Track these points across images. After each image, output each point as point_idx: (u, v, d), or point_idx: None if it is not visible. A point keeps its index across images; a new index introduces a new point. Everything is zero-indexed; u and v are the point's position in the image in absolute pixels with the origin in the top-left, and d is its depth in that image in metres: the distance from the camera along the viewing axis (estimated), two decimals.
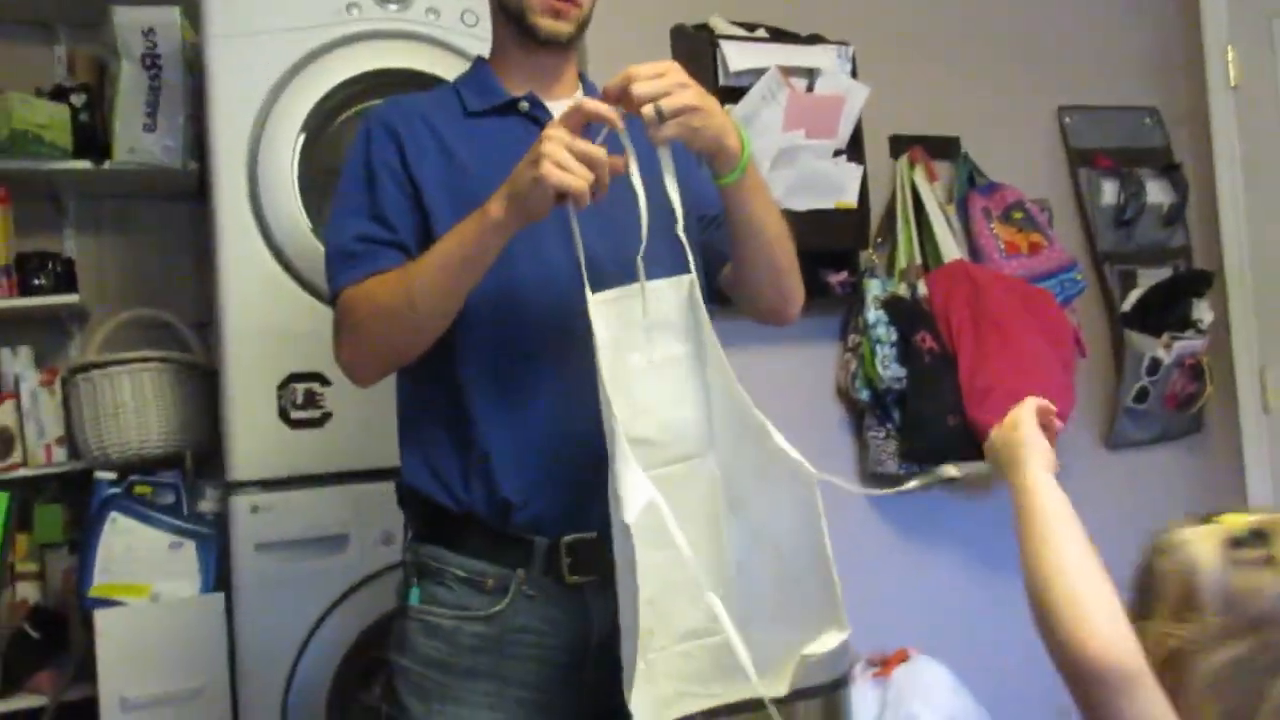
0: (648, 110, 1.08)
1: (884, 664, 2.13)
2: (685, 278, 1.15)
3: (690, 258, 1.14)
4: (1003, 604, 2.43)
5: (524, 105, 1.33)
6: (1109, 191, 2.66)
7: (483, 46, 2.01)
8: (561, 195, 1.07)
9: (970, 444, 2.17)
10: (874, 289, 2.22)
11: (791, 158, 2.11)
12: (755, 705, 1.04)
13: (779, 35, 2.25)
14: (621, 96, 1.10)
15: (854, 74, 2.22)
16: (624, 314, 1.13)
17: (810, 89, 2.15)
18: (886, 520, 2.34)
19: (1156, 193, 2.69)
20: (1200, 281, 2.64)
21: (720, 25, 2.20)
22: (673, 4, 2.23)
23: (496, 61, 1.39)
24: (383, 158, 1.28)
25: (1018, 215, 2.42)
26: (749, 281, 1.34)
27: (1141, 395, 2.57)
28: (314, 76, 1.96)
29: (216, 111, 1.92)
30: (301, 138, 1.94)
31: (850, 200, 2.19)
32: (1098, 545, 2.68)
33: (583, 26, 1.34)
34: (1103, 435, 2.62)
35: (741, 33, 2.20)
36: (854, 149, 2.22)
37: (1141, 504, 2.63)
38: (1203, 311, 2.61)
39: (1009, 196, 2.43)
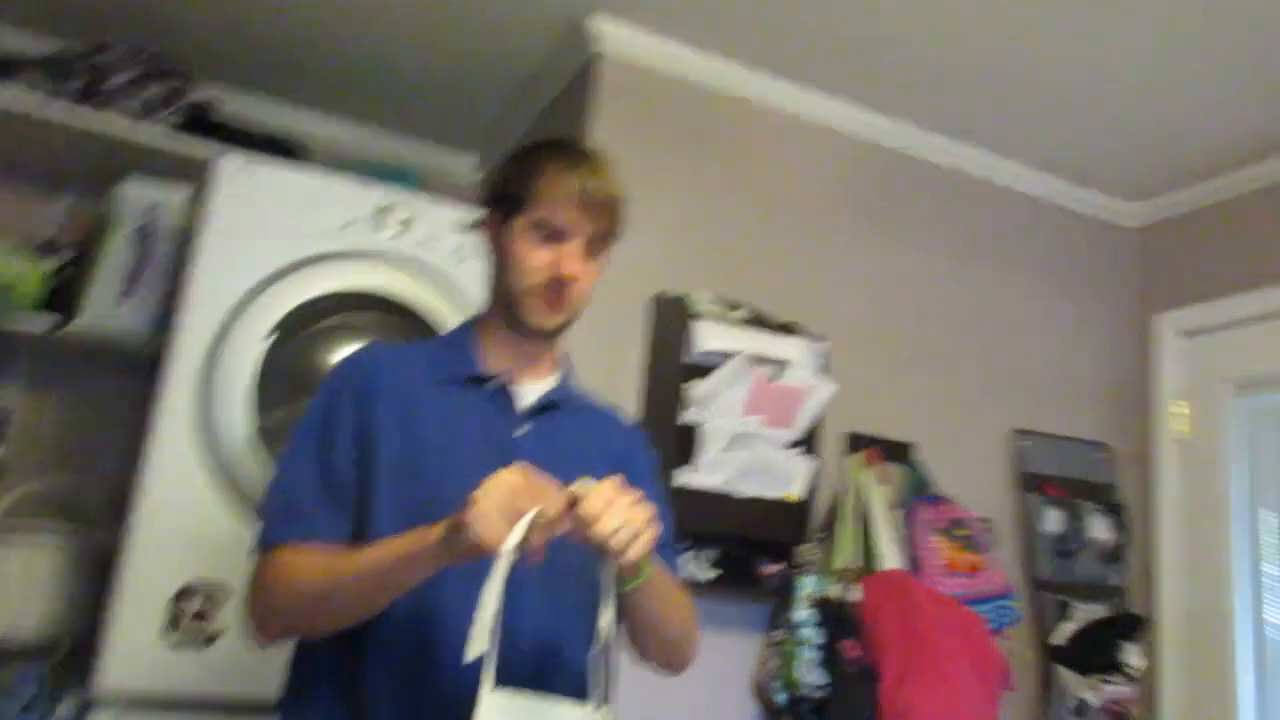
0: (618, 540, 1.09)
1: None
2: (595, 714, 1.14)
3: (603, 683, 1.15)
4: None
5: (494, 384, 1.36)
6: (1053, 520, 2.69)
7: (468, 282, 2.12)
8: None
9: None
10: (807, 586, 2.19)
11: (746, 442, 2.13)
12: None
13: (755, 319, 2.32)
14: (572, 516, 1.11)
15: (825, 370, 2.27)
16: None
17: (777, 379, 2.20)
18: None
19: (1100, 528, 2.72)
20: (1134, 624, 2.63)
21: (700, 301, 2.26)
22: (658, 273, 2.31)
23: (483, 331, 1.42)
24: (345, 415, 1.30)
25: (960, 532, 2.43)
26: (641, 640, 1.36)
27: None
28: (296, 283, 2.00)
29: (191, 297, 1.93)
30: (269, 340, 1.95)
31: (797, 493, 2.20)
32: None
33: (571, 319, 1.38)
34: None
35: (719, 310, 2.26)
36: (810, 442, 2.25)
37: None
38: (1134, 656, 2.59)
39: (954, 512, 2.44)
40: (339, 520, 1.26)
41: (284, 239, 1.99)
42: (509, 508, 1.06)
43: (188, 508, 1.84)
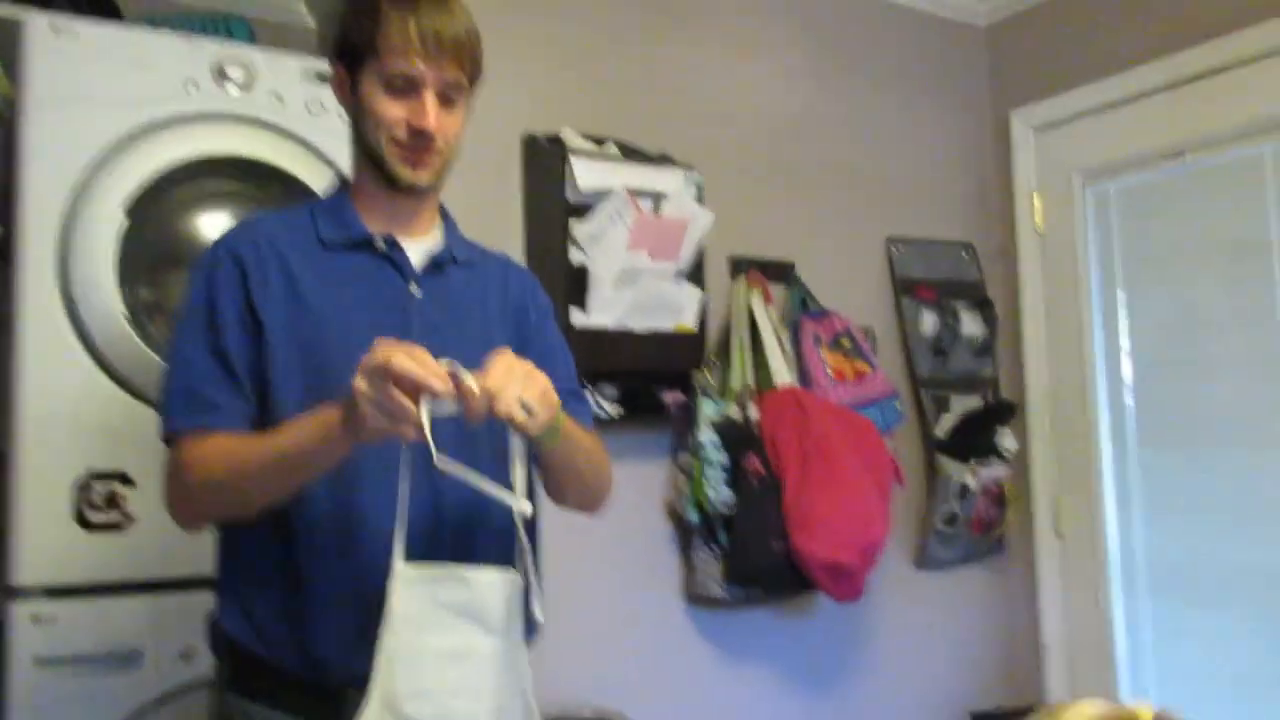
0: (519, 413, 1.09)
1: None
2: (515, 579, 1.17)
3: (527, 555, 1.18)
4: (815, 715, 2.48)
5: (381, 245, 1.31)
6: (928, 321, 2.81)
7: (327, 140, 2.00)
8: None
9: (792, 570, 2.21)
10: (708, 410, 2.25)
11: (634, 278, 2.13)
12: None
13: (629, 153, 2.28)
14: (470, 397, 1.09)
15: (700, 198, 2.26)
16: (436, 595, 1.14)
17: (656, 211, 2.18)
18: (707, 639, 2.35)
19: (970, 324, 2.86)
20: (1006, 411, 2.81)
21: (572, 139, 2.20)
22: (524, 113, 2.22)
23: (357, 192, 1.36)
24: (229, 293, 1.25)
25: (845, 343, 2.51)
26: (557, 491, 1.39)
27: (950, 519, 2.70)
28: (143, 154, 1.84)
29: (28, 178, 1.77)
30: (124, 219, 1.81)
31: (689, 323, 2.22)
32: (909, 658, 2.78)
33: (444, 172, 1.34)
34: (914, 556, 2.73)
35: (591, 148, 2.21)
36: (695, 271, 2.25)
37: (948, 619, 2.75)
38: (1007, 439, 2.78)
39: (838, 324, 2.52)
40: (238, 402, 1.23)
41: (119, 106, 1.82)
42: (392, 392, 1.03)
43: (70, 398, 1.74)
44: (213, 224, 1.95)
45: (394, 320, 1.27)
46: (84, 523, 1.74)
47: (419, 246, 1.35)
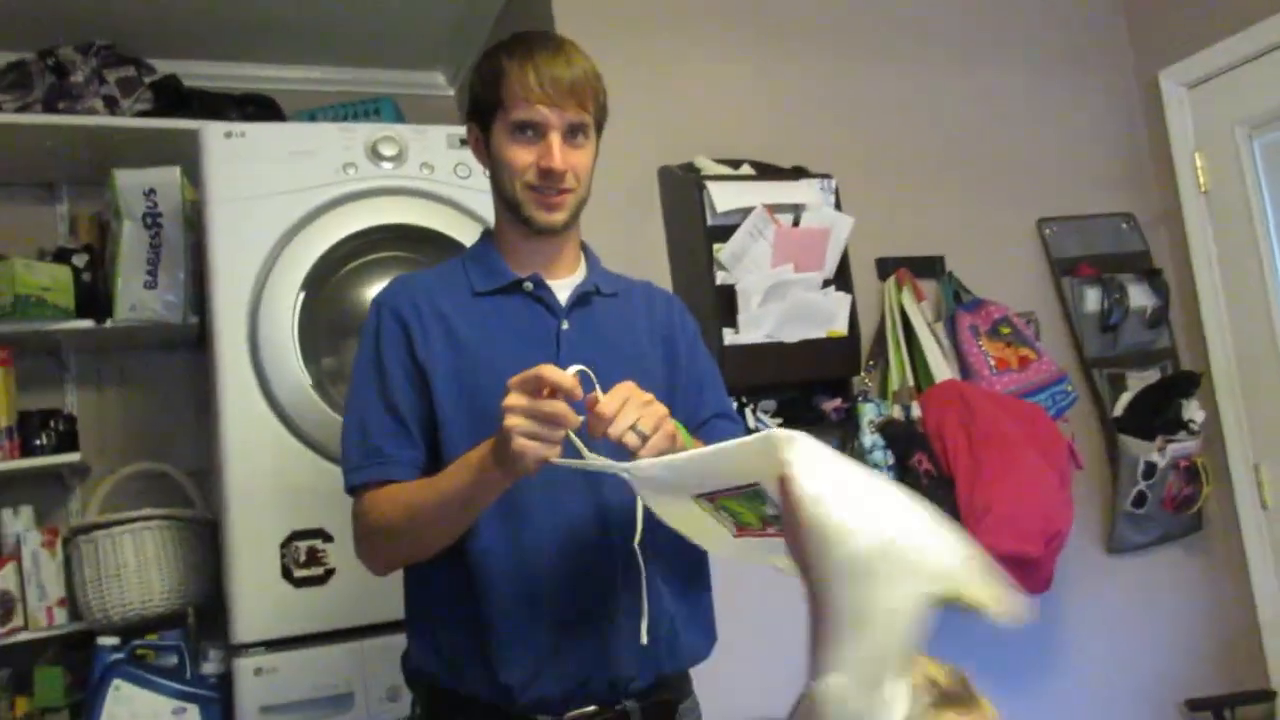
0: (631, 439, 1.11)
1: None
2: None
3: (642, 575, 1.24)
4: (1011, 715, 2.42)
5: (528, 286, 1.37)
6: (1092, 299, 2.71)
7: (475, 198, 2.13)
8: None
9: None
10: (868, 413, 2.25)
11: (782, 292, 2.16)
12: None
13: (763, 170, 2.31)
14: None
15: (838, 204, 2.28)
16: None
17: (796, 223, 2.21)
18: None
19: (1139, 296, 2.74)
20: (1188, 382, 2.67)
21: (705, 165, 2.26)
22: (658, 148, 2.29)
23: (500, 239, 1.43)
24: (394, 349, 1.33)
25: (1005, 330, 2.46)
26: None
27: (1139, 500, 2.59)
28: (314, 235, 2.02)
29: (217, 269, 1.97)
30: (301, 295, 1.98)
31: (841, 328, 2.24)
32: (1110, 647, 2.66)
33: (578, 210, 1.39)
34: (1104, 541, 2.63)
35: (726, 170, 2.26)
36: (842, 277, 2.27)
37: (1147, 606, 2.63)
38: (1193, 412, 2.64)
39: (995, 312, 2.47)
40: (411, 452, 1.30)
41: (288, 193, 2.01)
42: (532, 413, 1.07)
43: (267, 464, 1.92)
44: (384, 288, 2.10)
45: (545, 354, 1.31)
46: (291, 579, 1.90)
47: (565, 284, 1.40)
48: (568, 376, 1.08)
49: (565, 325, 1.35)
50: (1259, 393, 2.68)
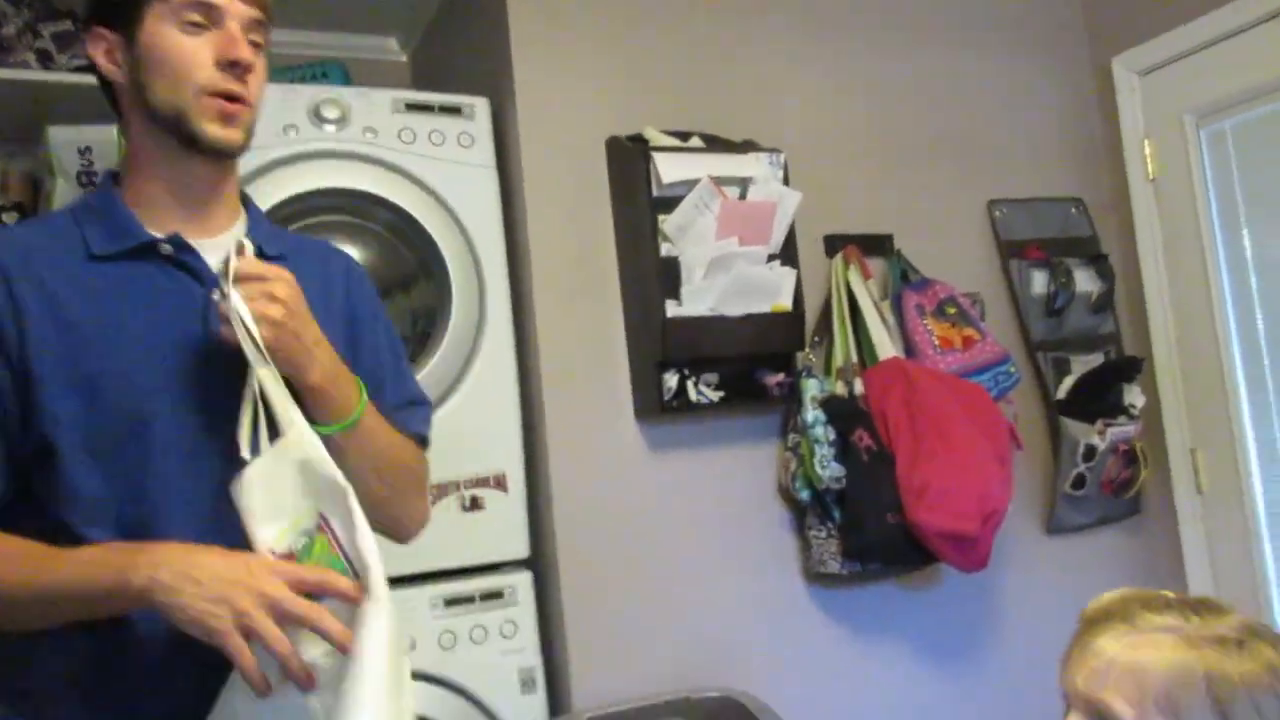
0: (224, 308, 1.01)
1: None
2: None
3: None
4: (953, 696, 2.45)
5: (166, 249, 1.11)
6: (1039, 281, 2.73)
7: (420, 164, 2.11)
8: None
9: (910, 542, 2.19)
10: (811, 389, 2.25)
11: (726, 265, 2.15)
12: None
13: (713, 143, 2.30)
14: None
15: (786, 179, 2.27)
16: None
17: (743, 197, 2.20)
18: (831, 615, 2.35)
19: (1085, 281, 2.76)
20: (1130, 367, 2.70)
21: (654, 136, 2.25)
22: (605, 117, 2.28)
23: (133, 182, 1.14)
24: None
25: (950, 310, 2.47)
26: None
27: (1079, 482, 2.62)
28: (257, 193, 1.96)
29: None
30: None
31: (785, 303, 2.23)
32: (1045, 625, 2.71)
33: (251, 136, 1.16)
34: (1043, 522, 2.66)
35: (675, 143, 2.25)
36: (788, 252, 2.26)
37: (1084, 584, 2.66)
38: (1134, 396, 2.68)
39: (941, 292, 2.48)
40: None
41: None
42: (282, 614, 0.94)
43: None
44: None
45: (190, 333, 1.09)
46: None
47: (217, 243, 1.14)
48: (352, 591, 0.97)
49: (217, 295, 1.09)
50: (1198, 380, 2.71)
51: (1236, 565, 2.63)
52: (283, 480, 1.01)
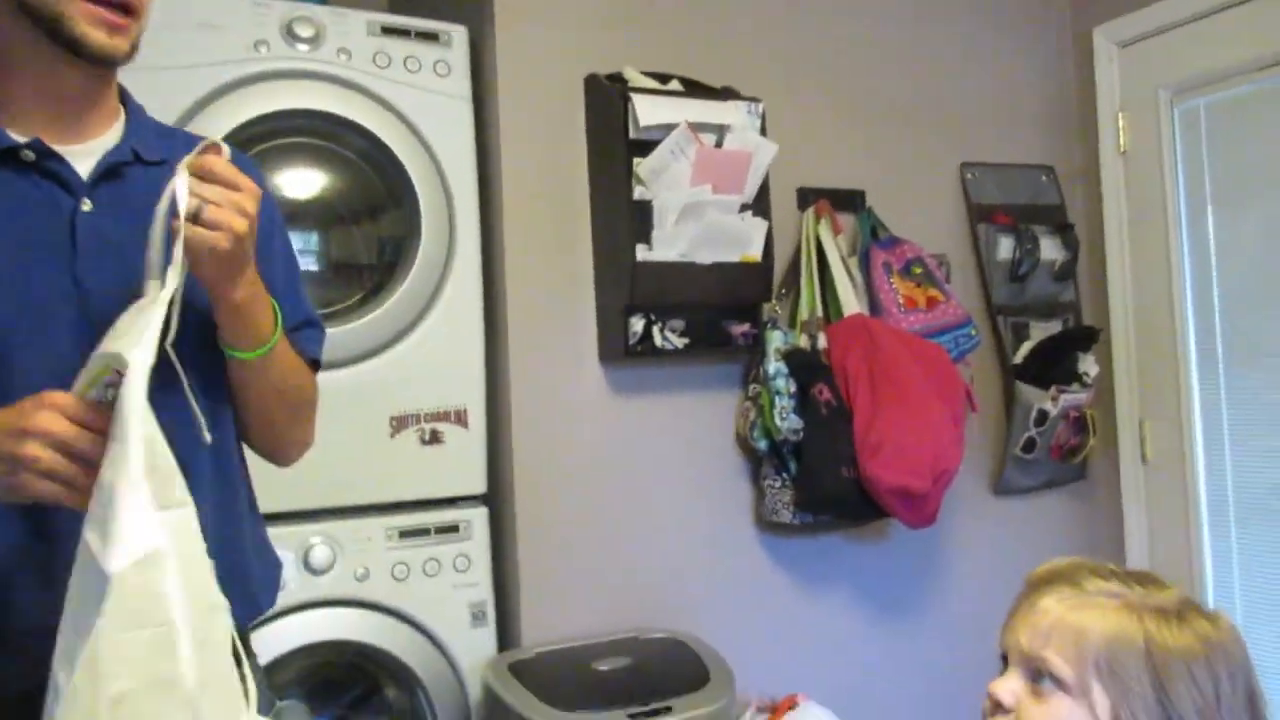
0: (192, 205, 0.95)
1: (774, 710, 2.18)
2: None
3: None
4: (890, 648, 2.51)
5: (27, 155, 1.02)
6: (1005, 247, 2.76)
7: (394, 89, 2.07)
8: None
9: (862, 497, 2.23)
10: (775, 340, 2.27)
11: (698, 212, 2.15)
12: None
13: (692, 88, 2.28)
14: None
15: (763, 130, 2.26)
16: None
17: (719, 144, 2.19)
18: (779, 564, 2.39)
19: (1050, 249, 2.79)
20: (1087, 336, 2.75)
21: (634, 77, 2.22)
22: (586, 54, 2.24)
23: None
24: None
25: (917, 270, 2.49)
26: (243, 422, 1.18)
27: (1029, 445, 2.67)
28: (218, 114, 1.93)
29: None
30: None
31: (755, 254, 2.24)
32: (987, 583, 2.77)
33: (137, 44, 1.07)
34: (991, 483, 2.71)
35: (654, 85, 2.22)
36: (760, 203, 2.26)
37: (1027, 545, 2.74)
38: (1089, 365, 2.72)
39: (909, 251, 2.50)
40: None
41: (192, 66, 1.91)
42: (64, 445, 0.89)
43: None
44: (291, 178, 2.04)
45: (55, 248, 1.02)
46: None
47: (89, 149, 1.07)
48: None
49: (86, 206, 1.04)
50: (1151, 352, 2.77)
51: (1174, 533, 2.71)
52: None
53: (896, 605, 2.54)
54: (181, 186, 0.95)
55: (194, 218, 0.95)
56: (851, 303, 2.36)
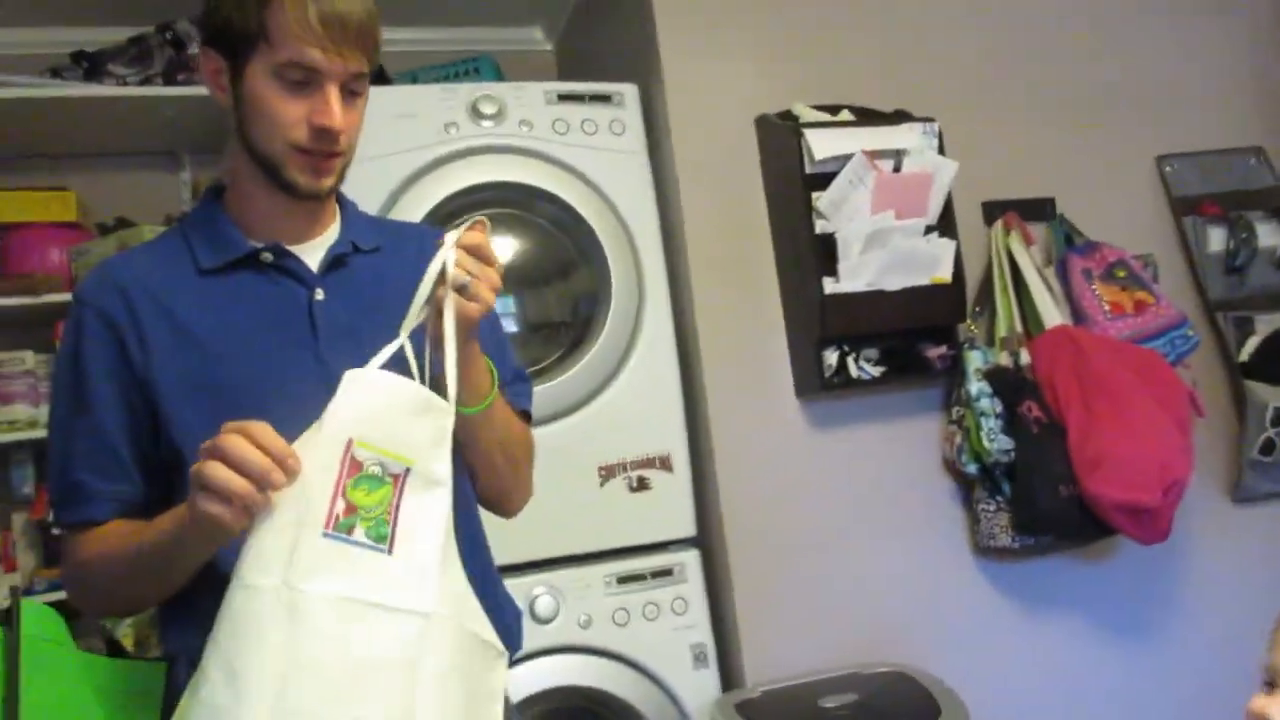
0: (459, 275, 1.02)
1: None
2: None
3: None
4: (1135, 674, 2.36)
5: (267, 256, 1.16)
6: (1216, 238, 2.59)
7: (574, 153, 2.15)
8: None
9: (1085, 515, 2.13)
10: (975, 361, 2.20)
11: (883, 239, 2.13)
12: None
13: (863, 115, 2.27)
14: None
15: (941, 149, 2.22)
16: None
17: (898, 169, 2.17)
18: (1003, 591, 2.30)
19: (1268, 235, 2.60)
20: None
21: (804, 112, 2.23)
22: (754, 95, 2.27)
23: (235, 199, 1.19)
24: (99, 361, 1.11)
25: (1120, 274, 2.37)
26: (471, 475, 1.25)
27: (1268, 447, 2.48)
28: (418, 194, 2.07)
29: None
30: None
31: (945, 275, 2.19)
32: (1233, 599, 2.58)
33: (344, 174, 1.19)
34: (1229, 491, 2.53)
35: (825, 118, 2.23)
36: (945, 222, 2.22)
37: (1275, 557, 2.53)
38: None
39: (1109, 255, 2.39)
40: (118, 485, 1.11)
41: (393, 154, 2.06)
42: (238, 461, 0.91)
43: None
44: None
45: (299, 334, 1.14)
46: None
47: (314, 246, 1.20)
48: (289, 453, 0.93)
49: (320, 295, 1.16)
50: None
51: None
52: (405, 421, 1.02)
53: (1134, 628, 2.39)
54: (450, 259, 1.04)
55: (460, 289, 1.03)
56: (1052, 314, 2.27)
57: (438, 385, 1.05)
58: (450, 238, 1.05)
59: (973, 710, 1.93)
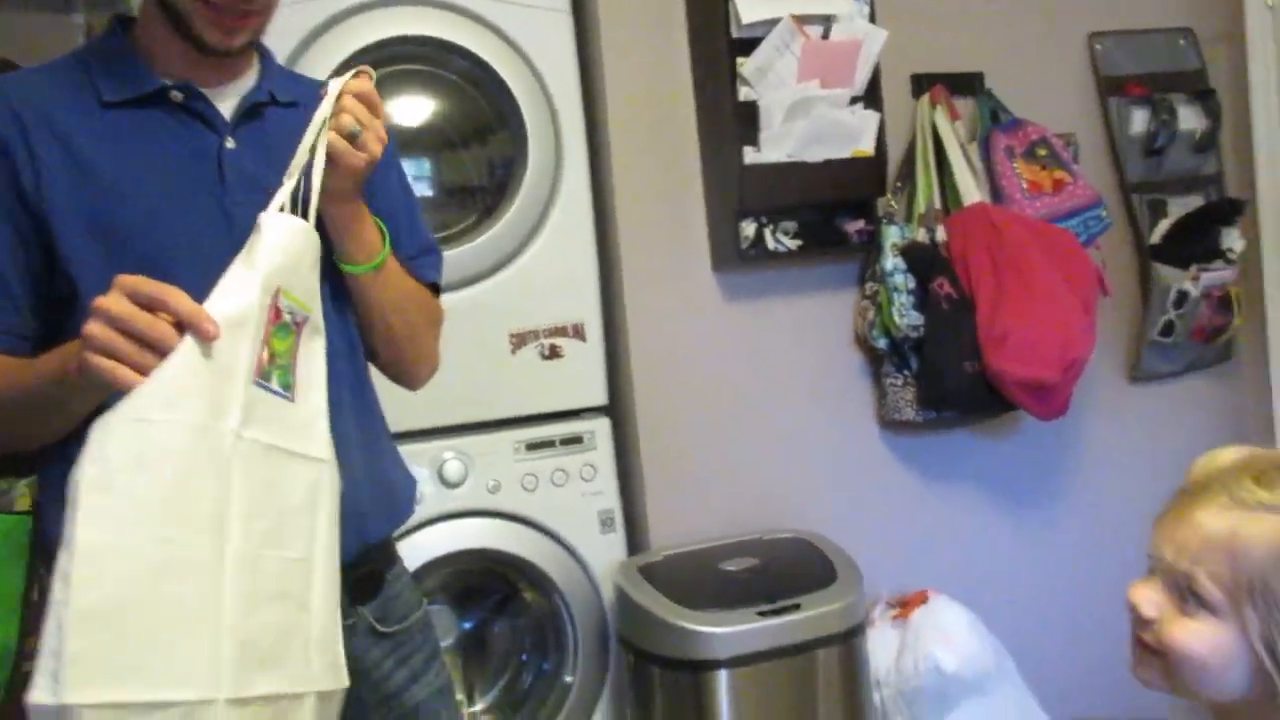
0: (348, 122, 1.03)
1: (903, 606, 2.20)
2: None
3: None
4: (1022, 543, 2.48)
5: (176, 95, 1.10)
6: (1139, 120, 2.60)
7: (497, 10, 2.06)
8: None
9: (988, 391, 2.19)
10: (892, 236, 2.21)
11: (806, 109, 2.09)
12: None
13: None
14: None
15: (873, 17, 2.17)
16: None
17: (826, 35, 2.11)
18: (905, 462, 2.38)
19: (1189, 118, 2.62)
20: (1232, 209, 2.58)
21: None
22: None
23: (143, 32, 1.12)
24: None
25: (1041, 152, 2.38)
26: (367, 342, 1.24)
27: (1167, 329, 2.55)
28: (327, 46, 1.97)
29: None
30: None
31: (867, 148, 2.17)
32: (1124, 475, 2.67)
33: (259, 31, 1.14)
34: (1127, 370, 2.61)
35: None
36: (871, 94, 2.18)
37: (1167, 432, 2.64)
38: (1233, 240, 2.57)
39: (1032, 133, 2.38)
40: (9, 319, 1.06)
41: (297, 2, 1.94)
42: (124, 325, 0.87)
43: None
44: (400, 106, 2.08)
45: (206, 181, 1.10)
46: None
47: (229, 91, 1.14)
48: (203, 317, 0.88)
49: (230, 144, 1.11)
50: None
51: None
52: (308, 269, 1.03)
53: (1029, 500, 2.50)
54: (328, 103, 1.04)
55: (350, 138, 1.03)
56: (972, 192, 2.28)
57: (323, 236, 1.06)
58: (335, 85, 1.05)
59: (868, 575, 2.02)
